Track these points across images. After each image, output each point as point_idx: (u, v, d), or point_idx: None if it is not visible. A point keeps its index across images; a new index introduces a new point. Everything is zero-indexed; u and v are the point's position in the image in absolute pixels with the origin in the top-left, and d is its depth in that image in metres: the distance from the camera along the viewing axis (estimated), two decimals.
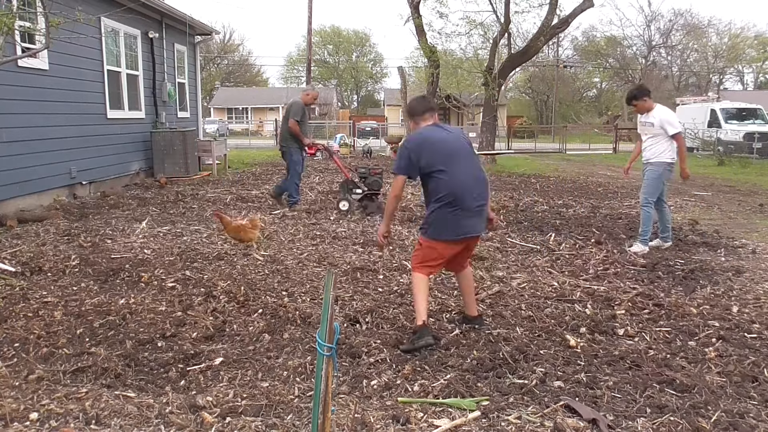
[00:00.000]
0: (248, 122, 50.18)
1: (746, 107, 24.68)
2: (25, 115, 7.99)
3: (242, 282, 4.72)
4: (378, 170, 8.54)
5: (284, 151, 8.51)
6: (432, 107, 4.01)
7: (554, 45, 46.36)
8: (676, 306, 4.35)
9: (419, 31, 18.69)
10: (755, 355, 3.52)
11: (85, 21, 6.81)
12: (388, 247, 3.96)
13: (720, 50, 50.32)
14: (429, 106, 3.98)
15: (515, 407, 2.86)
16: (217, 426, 2.63)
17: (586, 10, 16.47)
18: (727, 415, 2.78)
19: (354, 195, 8.26)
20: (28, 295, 4.37)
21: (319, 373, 2.01)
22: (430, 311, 4.23)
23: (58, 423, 2.64)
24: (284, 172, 9.20)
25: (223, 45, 61.05)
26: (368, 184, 8.28)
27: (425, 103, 4.03)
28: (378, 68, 69.52)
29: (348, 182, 8.38)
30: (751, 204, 9.92)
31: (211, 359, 3.38)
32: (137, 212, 8.10)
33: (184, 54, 14.22)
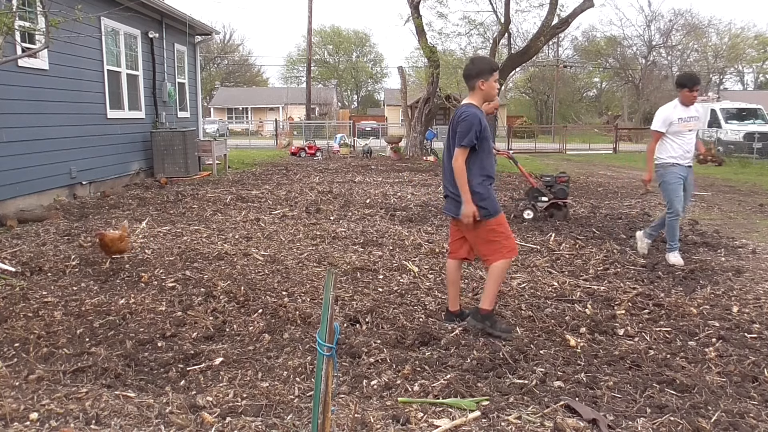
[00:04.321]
0: (248, 122, 50.17)
1: (746, 107, 24.66)
2: (26, 115, 8.00)
3: (242, 282, 4.72)
4: (565, 178, 8.13)
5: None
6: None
7: (554, 45, 46.45)
8: (676, 306, 4.35)
9: (419, 31, 18.70)
10: (755, 355, 3.52)
11: (85, 21, 6.81)
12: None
13: (720, 50, 50.31)
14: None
15: (515, 407, 2.86)
16: (217, 426, 2.63)
17: (586, 10, 16.48)
18: (727, 415, 2.78)
19: (539, 203, 7.98)
20: (28, 295, 4.37)
21: (319, 373, 2.01)
22: (429, 311, 4.24)
23: (58, 423, 2.64)
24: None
25: (223, 45, 61.09)
26: (554, 193, 7.96)
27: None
28: (378, 68, 69.61)
29: (533, 190, 8.09)
30: (751, 204, 9.92)
31: (211, 359, 3.38)
32: (137, 212, 8.10)
33: (184, 54, 14.22)
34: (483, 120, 3.76)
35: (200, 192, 10.01)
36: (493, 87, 3.84)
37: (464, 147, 3.71)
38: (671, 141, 5.73)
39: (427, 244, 6.24)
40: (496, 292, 3.85)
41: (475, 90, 3.83)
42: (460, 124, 3.73)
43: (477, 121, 3.70)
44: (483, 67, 3.84)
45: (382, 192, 10.50)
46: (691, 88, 5.66)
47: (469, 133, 3.67)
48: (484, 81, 3.80)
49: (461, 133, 3.71)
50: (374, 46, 77.82)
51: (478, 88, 3.82)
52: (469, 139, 3.68)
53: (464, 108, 3.81)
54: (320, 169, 15.05)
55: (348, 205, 8.97)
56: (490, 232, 3.77)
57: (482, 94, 3.85)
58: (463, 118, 3.72)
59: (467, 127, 3.68)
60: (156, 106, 12.38)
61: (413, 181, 12.70)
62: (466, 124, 3.69)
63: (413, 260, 5.58)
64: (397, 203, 9.21)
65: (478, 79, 3.80)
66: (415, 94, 26.99)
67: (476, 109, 3.79)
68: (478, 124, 3.70)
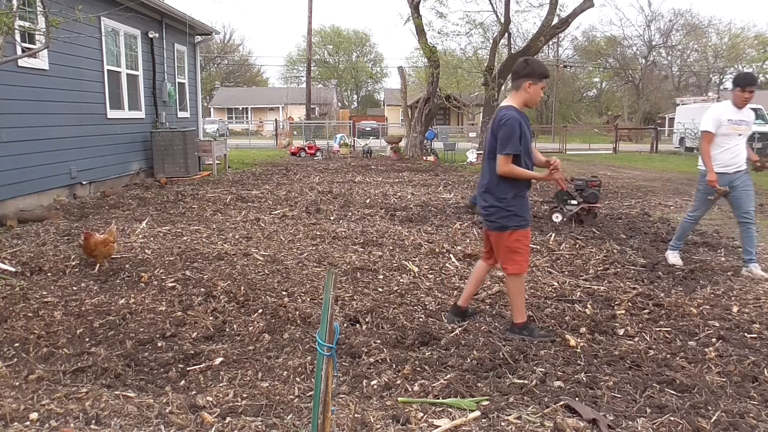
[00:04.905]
0: (248, 122, 50.17)
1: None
2: (26, 115, 8.00)
3: (242, 282, 4.72)
4: (596, 182, 7.94)
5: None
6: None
7: (554, 45, 46.41)
8: (676, 306, 4.35)
9: (419, 31, 18.72)
10: (755, 355, 3.52)
11: (85, 21, 6.81)
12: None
13: (720, 50, 50.31)
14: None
15: (515, 407, 2.86)
16: (217, 426, 2.63)
17: (586, 10, 16.50)
18: (727, 415, 2.78)
19: (568, 206, 7.79)
20: (28, 295, 4.37)
21: (319, 373, 2.01)
22: (429, 311, 4.24)
23: (58, 423, 2.63)
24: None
25: (223, 45, 61.09)
26: (585, 197, 7.75)
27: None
28: (378, 68, 69.59)
29: (563, 193, 7.85)
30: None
31: (211, 359, 3.38)
32: (137, 212, 8.10)
33: (184, 54, 14.22)
34: (524, 125, 3.62)
35: (200, 192, 10.01)
36: (538, 94, 3.69)
37: (508, 155, 3.56)
38: (719, 145, 5.32)
39: (427, 244, 6.24)
40: (521, 303, 3.80)
41: (520, 91, 3.69)
42: (500, 128, 3.59)
43: (518, 125, 3.56)
44: (535, 70, 3.67)
45: (382, 192, 10.50)
46: (743, 87, 5.22)
47: (511, 139, 3.54)
48: (532, 84, 3.65)
49: (502, 139, 3.57)
50: (374, 46, 77.85)
51: (524, 89, 3.66)
52: (513, 146, 3.54)
53: (504, 111, 3.66)
54: (320, 169, 15.05)
55: (348, 205, 8.98)
56: (516, 243, 3.71)
57: (526, 97, 3.69)
58: (504, 122, 3.58)
59: (509, 133, 3.54)
60: (156, 106, 12.38)
61: (413, 181, 12.70)
62: (507, 129, 3.55)
63: (413, 260, 5.58)
64: (397, 203, 9.21)
65: (526, 79, 3.65)
66: (415, 94, 27.02)
67: (516, 113, 3.64)
68: (518, 129, 3.56)
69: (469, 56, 22.38)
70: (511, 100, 3.75)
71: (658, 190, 11.82)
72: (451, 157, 19.30)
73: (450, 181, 12.82)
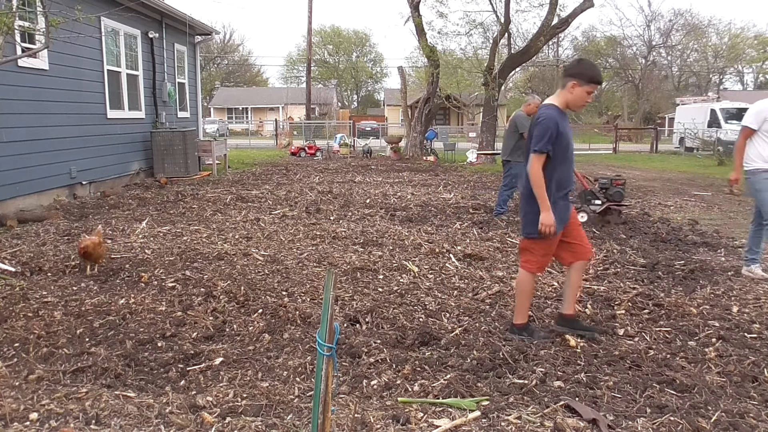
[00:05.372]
0: (248, 122, 50.17)
1: (746, 107, 24.64)
2: (26, 115, 8.00)
3: (242, 282, 4.72)
4: (621, 181, 7.85)
5: (505, 162, 8.23)
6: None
7: (554, 45, 46.42)
8: (676, 306, 4.35)
9: (419, 30, 18.71)
10: (755, 355, 3.52)
11: (85, 21, 6.81)
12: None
13: (720, 50, 50.31)
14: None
15: (515, 407, 2.86)
16: (217, 426, 2.63)
17: (586, 10, 16.49)
18: (727, 415, 2.78)
19: (593, 206, 7.72)
20: (28, 295, 4.37)
21: (319, 373, 2.01)
22: (430, 311, 4.24)
23: (58, 423, 2.63)
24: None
25: (223, 45, 61.07)
26: (610, 196, 7.71)
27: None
28: (378, 68, 69.59)
29: (586, 193, 7.84)
30: (751, 204, 9.85)
31: (211, 359, 3.38)
32: (137, 212, 8.10)
33: (184, 54, 14.22)
34: (562, 124, 3.48)
35: (200, 192, 10.01)
36: (582, 98, 3.53)
37: (538, 153, 3.45)
38: (763, 141, 5.05)
39: (427, 244, 6.24)
40: (525, 305, 3.76)
41: (564, 89, 3.55)
42: (536, 127, 3.50)
43: (553, 124, 3.44)
44: (583, 71, 3.53)
45: (382, 192, 10.50)
46: None
47: (544, 137, 3.42)
48: (577, 84, 3.50)
49: (536, 137, 3.46)
50: (374, 46, 77.85)
51: (568, 88, 3.52)
52: (543, 144, 3.42)
53: (543, 109, 3.56)
54: (320, 169, 15.05)
55: (348, 205, 8.98)
56: (538, 242, 3.65)
57: (569, 98, 3.54)
58: (540, 120, 3.48)
59: (543, 131, 3.44)
60: (156, 106, 12.38)
61: (413, 181, 12.70)
62: (542, 128, 3.45)
63: (413, 260, 5.58)
64: (397, 203, 9.21)
65: (572, 79, 3.51)
66: (415, 94, 27.02)
67: (555, 111, 3.51)
68: (554, 128, 3.43)
69: (469, 56, 22.39)
70: (554, 98, 3.63)
71: (658, 190, 11.82)
72: (451, 157, 19.30)
73: (450, 181, 12.82)
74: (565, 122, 3.53)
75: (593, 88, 3.53)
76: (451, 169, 16.21)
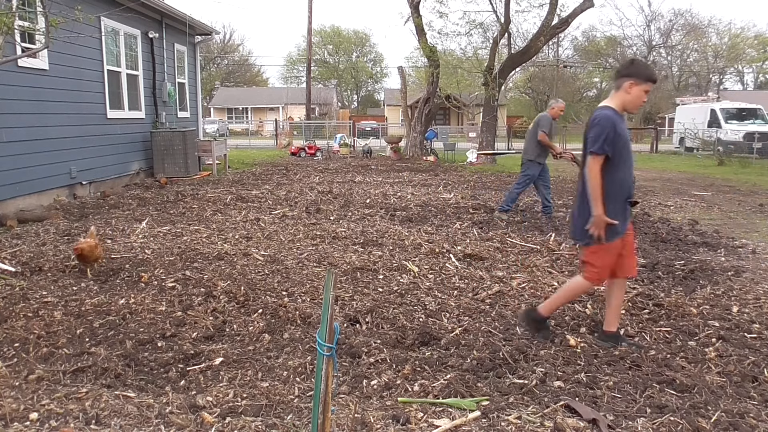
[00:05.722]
0: (248, 122, 50.17)
1: (746, 107, 24.70)
2: (26, 115, 8.00)
3: (242, 282, 4.72)
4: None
5: (524, 163, 8.24)
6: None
7: (554, 45, 46.41)
8: (676, 306, 4.35)
9: (419, 31, 18.72)
10: (755, 355, 3.52)
11: (84, 21, 6.81)
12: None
13: (720, 50, 50.30)
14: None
15: (515, 407, 2.86)
16: (217, 426, 2.63)
17: (586, 10, 16.49)
18: (727, 415, 2.78)
19: None
20: (28, 295, 4.37)
21: (319, 373, 2.01)
22: (430, 311, 4.24)
23: (58, 423, 2.63)
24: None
25: (223, 45, 61.08)
26: None
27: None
28: (378, 68, 69.58)
29: None
30: (751, 204, 9.92)
31: (211, 359, 3.38)
32: (137, 212, 8.10)
33: (184, 54, 14.22)
34: (619, 125, 3.39)
35: (200, 192, 10.01)
36: (640, 97, 3.45)
37: (595, 154, 3.36)
38: None
39: (427, 244, 6.24)
40: (559, 303, 3.69)
41: (620, 91, 3.47)
42: (591, 129, 3.41)
43: (610, 125, 3.36)
44: (640, 70, 3.47)
45: (382, 192, 10.50)
46: None
47: (600, 138, 3.34)
48: (634, 84, 3.42)
49: (592, 139, 3.38)
50: (374, 46, 77.83)
51: (625, 89, 3.45)
52: (600, 145, 3.34)
53: (598, 111, 3.48)
54: (320, 169, 15.04)
55: (348, 205, 8.97)
56: (599, 250, 3.50)
57: (626, 99, 3.46)
58: (596, 122, 3.40)
59: (598, 132, 3.35)
60: (156, 106, 12.38)
61: (413, 181, 12.70)
62: (597, 129, 3.37)
63: (413, 260, 5.58)
64: (397, 203, 9.21)
65: (628, 79, 3.43)
66: (415, 94, 27.02)
67: (612, 112, 3.43)
68: (611, 129, 3.35)
69: (469, 56, 22.39)
70: (609, 100, 3.54)
71: (658, 190, 11.82)
72: (451, 157, 19.30)
73: (450, 181, 12.82)
74: (623, 124, 3.43)
75: (650, 86, 3.46)
76: (451, 169, 16.21)
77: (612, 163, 3.40)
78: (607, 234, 3.43)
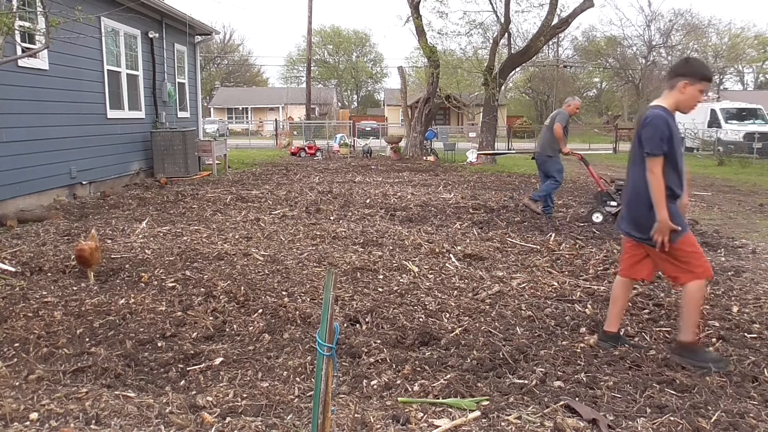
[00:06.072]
0: (248, 122, 50.17)
1: (746, 107, 24.71)
2: (26, 115, 8.00)
3: (242, 282, 4.72)
4: None
5: (544, 160, 8.18)
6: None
7: (554, 45, 46.41)
8: (676, 306, 4.34)
9: (419, 31, 18.71)
10: (755, 355, 3.52)
11: (85, 21, 6.81)
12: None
13: (720, 50, 50.30)
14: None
15: (515, 407, 2.86)
16: (217, 426, 2.63)
17: (586, 10, 16.49)
18: (727, 415, 2.78)
19: (608, 207, 7.71)
20: (28, 295, 4.37)
21: (319, 373, 2.01)
22: (430, 311, 4.24)
23: (58, 423, 2.63)
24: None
25: (223, 45, 61.08)
26: None
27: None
28: (378, 68, 69.57)
29: (602, 194, 7.90)
30: (751, 204, 9.92)
31: (211, 359, 3.38)
32: (137, 212, 8.10)
33: (184, 54, 14.22)
34: (672, 125, 3.31)
35: (200, 192, 10.01)
36: (695, 97, 3.36)
37: (654, 155, 3.27)
38: None
39: (427, 244, 6.24)
40: (695, 320, 3.39)
41: (674, 91, 3.38)
42: (644, 129, 3.34)
43: (663, 124, 3.28)
44: (695, 69, 3.37)
45: (382, 192, 10.50)
46: None
47: (654, 138, 3.26)
48: (688, 84, 3.33)
49: (647, 139, 3.30)
50: (374, 46, 77.74)
51: (678, 89, 3.35)
52: (656, 145, 3.26)
53: (650, 110, 3.39)
54: (320, 169, 15.04)
55: (348, 205, 8.97)
56: (679, 252, 3.34)
57: (679, 99, 3.37)
58: (648, 121, 3.33)
59: (652, 132, 3.28)
60: (156, 106, 12.38)
61: (413, 181, 12.70)
62: (651, 129, 3.29)
63: (413, 260, 5.58)
64: (397, 203, 9.21)
65: (683, 78, 3.34)
66: (415, 94, 27.01)
67: (664, 112, 3.35)
68: (665, 128, 3.28)
69: (469, 56, 22.38)
70: (661, 100, 3.45)
71: None
72: (451, 157, 19.29)
73: (450, 181, 12.82)
74: (675, 124, 3.35)
75: (706, 86, 3.38)
76: (451, 169, 16.21)
77: (665, 163, 3.31)
78: (671, 237, 3.30)
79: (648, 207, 3.34)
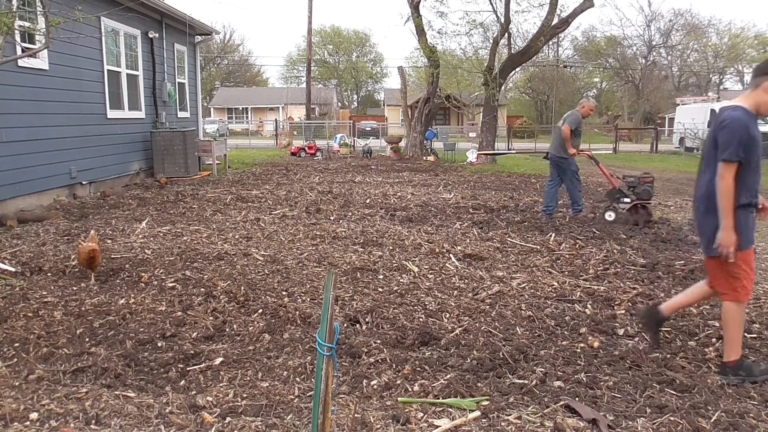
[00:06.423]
0: (248, 122, 50.17)
1: None
2: (25, 115, 8.00)
3: (242, 282, 4.72)
4: (649, 178, 7.76)
5: (558, 162, 8.13)
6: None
7: (554, 45, 46.47)
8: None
9: (419, 31, 18.71)
10: (755, 355, 3.52)
11: (85, 21, 6.81)
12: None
13: (720, 50, 50.32)
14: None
15: (515, 407, 2.86)
16: (217, 426, 2.63)
17: (586, 10, 16.48)
18: (727, 415, 2.78)
19: (621, 204, 7.72)
20: (28, 295, 4.37)
21: (319, 373, 2.01)
22: (430, 311, 4.24)
23: (58, 423, 2.64)
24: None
25: (223, 45, 61.07)
26: (638, 194, 7.65)
27: None
28: (378, 68, 69.57)
29: (614, 191, 7.88)
30: None
31: (211, 359, 3.38)
32: (137, 212, 8.10)
33: (184, 54, 14.22)
34: (752, 128, 3.09)
35: (200, 192, 10.01)
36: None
37: (728, 162, 3.05)
38: None
39: (427, 244, 6.24)
40: (737, 338, 3.21)
41: (757, 90, 3.16)
42: (721, 131, 3.11)
43: (743, 127, 3.06)
44: None
45: (382, 192, 10.50)
46: None
47: (732, 143, 3.05)
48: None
49: (723, 143, 3.08)
50: (374, 46, 77.76)
51: (763, 89, 3.13)
52: (732, 152, 3.04)
53: (728, 112, 3.15)
54: (320, 169, 15.04)
55: (348, 205, 8.98)
56: (735, 266, 3.16)
57: (762, 99, 3.15)
58: (725, 124, 3.11)
59: (729, 136, 3.07)
60: (156, 106, 12.38)
61: (413, 181, 12.70)
62: (728, 133, 3.08)
63: (413, 260, 5.58)
64: (397, 203, 9.21)
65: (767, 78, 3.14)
66: (415, 94, 27.02)
67: (743, 113, 3.11)
68: (744, 132, 3.05)
69: (469, 56, 22.37)
70: (741, 99, 3.23)
71: (658, 190, 11.80)
72: (451, 157, 19.29)
73: (450, 181, 12.82)
74: (756, 126, 3.13)
75: None
76: (451, 169, 16.21)
77: (743, 168, 3.11)
78: (746, 241, 3.16)
79: (717, 216, 3.13)
